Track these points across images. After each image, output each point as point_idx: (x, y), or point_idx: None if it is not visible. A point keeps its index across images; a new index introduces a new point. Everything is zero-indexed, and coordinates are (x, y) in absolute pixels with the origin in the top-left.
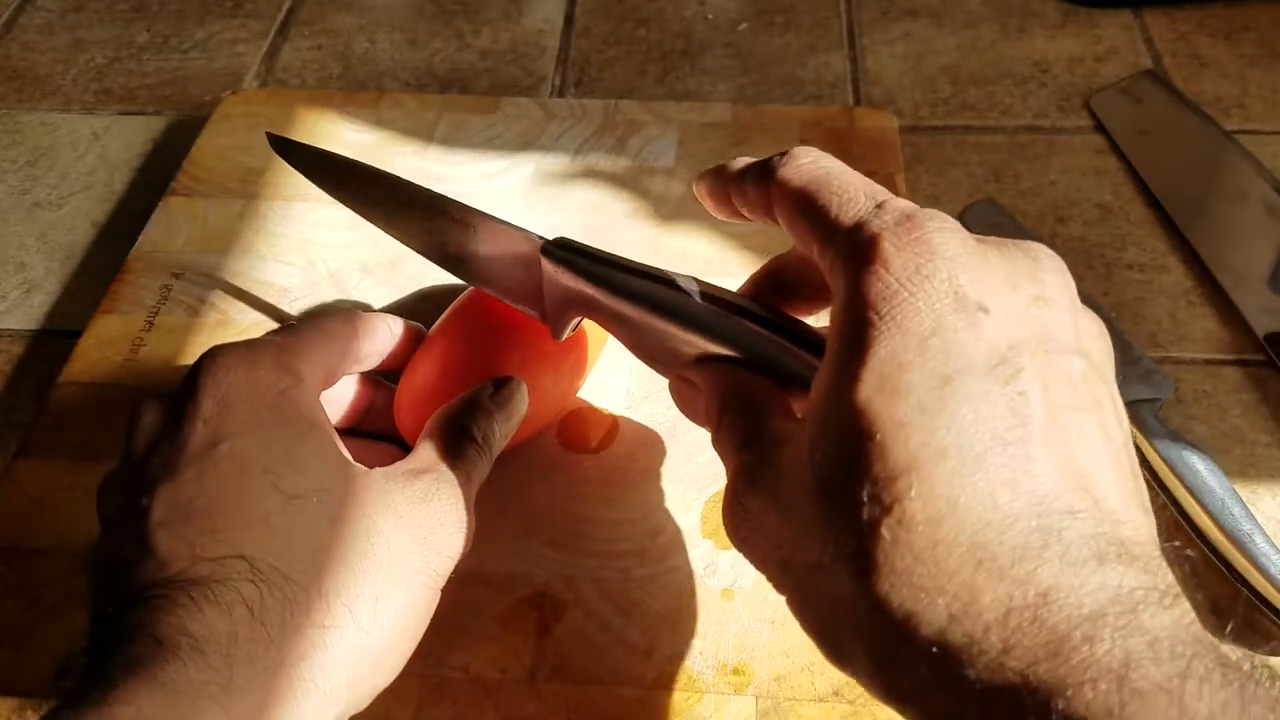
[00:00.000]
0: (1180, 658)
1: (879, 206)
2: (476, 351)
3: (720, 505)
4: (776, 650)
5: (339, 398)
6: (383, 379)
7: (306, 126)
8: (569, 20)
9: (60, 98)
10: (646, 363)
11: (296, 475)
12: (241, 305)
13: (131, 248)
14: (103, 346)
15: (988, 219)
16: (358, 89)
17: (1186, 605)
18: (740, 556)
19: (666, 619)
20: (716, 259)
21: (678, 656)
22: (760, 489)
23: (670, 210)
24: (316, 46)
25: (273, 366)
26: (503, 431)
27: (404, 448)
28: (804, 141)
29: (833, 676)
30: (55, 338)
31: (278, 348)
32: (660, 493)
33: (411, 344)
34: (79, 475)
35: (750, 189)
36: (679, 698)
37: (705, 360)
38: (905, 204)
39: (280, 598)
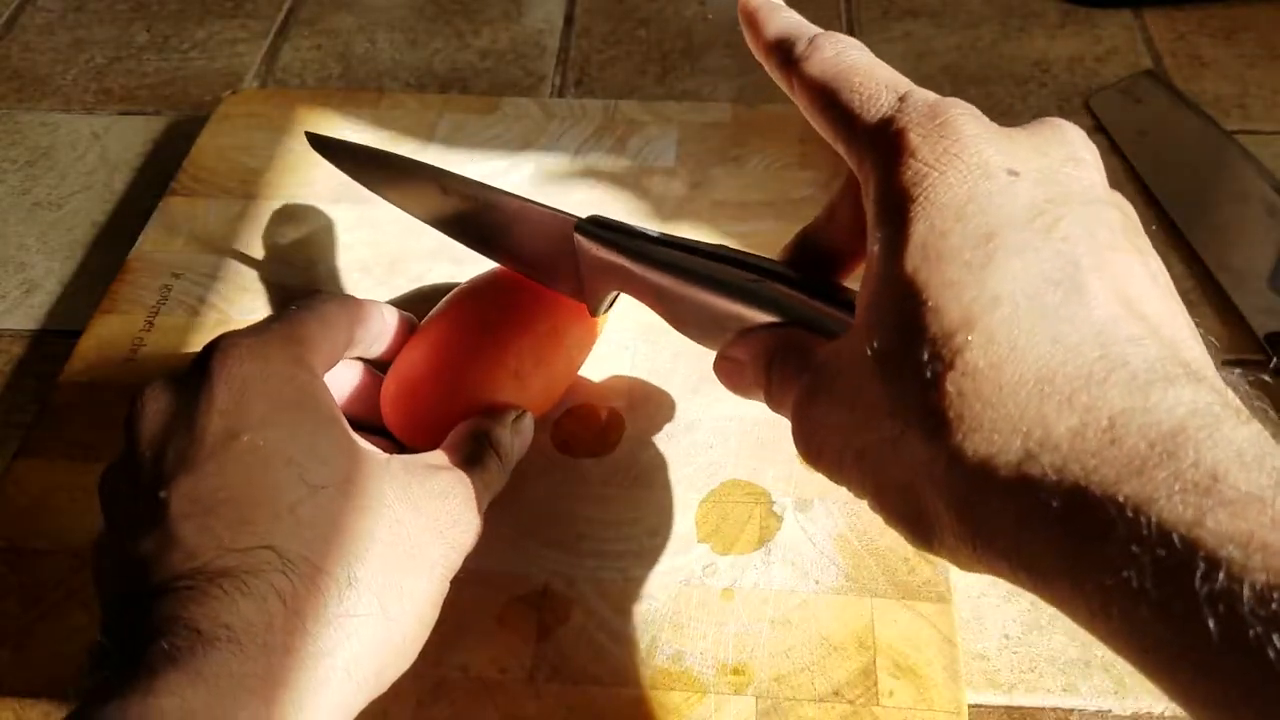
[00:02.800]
0: (1268, 468)
1: (902, 99)
2: (466, 348)
3: (717, 506)
4: (776, 650)
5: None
6: (366, 364)
7: (306, 127)
8: (569, 20)
9: (60, 98)
10: (684, 333)
11: (320, 466)
12: (241, 305)
13: (131, 248)
14: (103, 346)
15: None
16: (358, 89)
17: (1259, 424)
18: (739, 558)
19: (666, 619)
20: None
21: (678, 656)
22: (822, 395)
23: (670, 210)
24: (316, 46)
25: (285, 359)
26: (517, 452)
27: (389, 437)
28: (805, 140)
29: (833, 676)
30: (55, 338)
31: (286, 338)
32: (659, 493)
33: (405, 335)
34: (79, 475)
35: (775, 67)
36: (679, 698)
37: (744, 333)
38: (928, 94)
39: (311, 587)
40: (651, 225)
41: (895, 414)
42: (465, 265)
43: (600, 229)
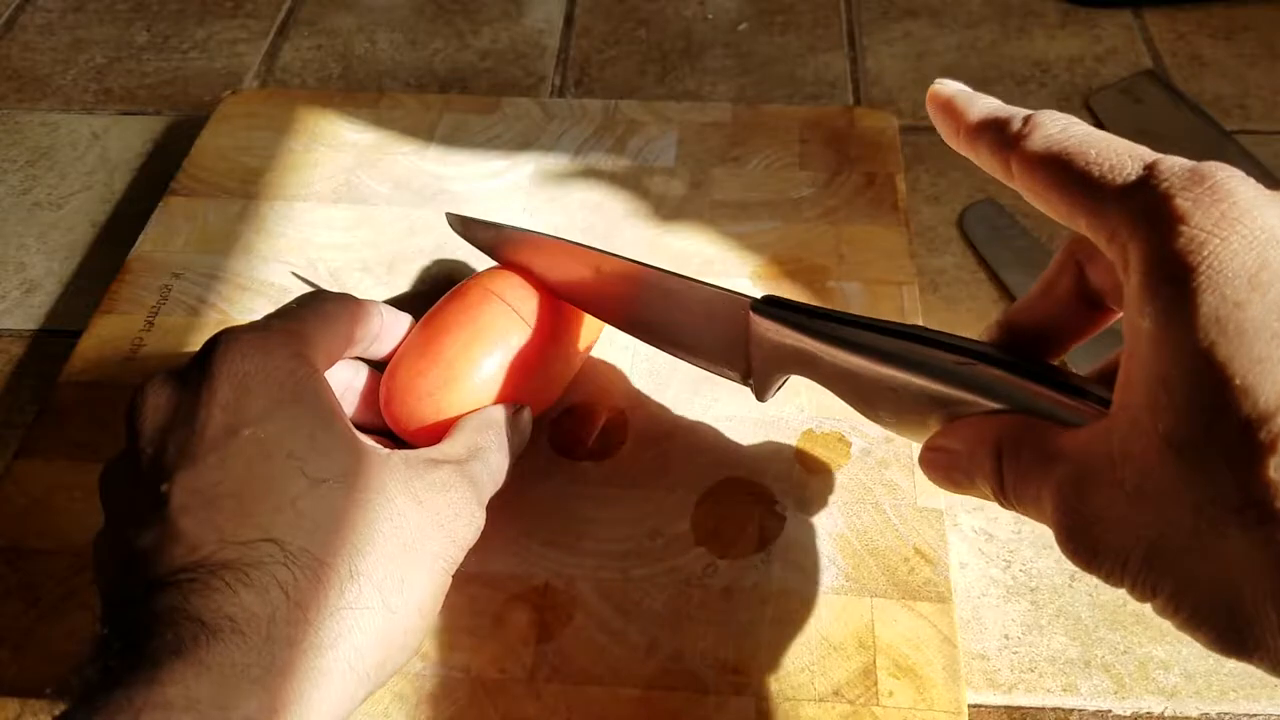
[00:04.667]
0: None
1: (1150, 166)
2: (464, 344)
3: (717, 506)
4: (776, 650)
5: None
6: (364, 363)
7: (307, 127)
8: (569, 20)
9: (60, 98)
10: (873, 418)
11: (321, 460)
12: (241, 305)
13: (131, 248)
14: (103, 346)
15: (988, 219)
16: (358, 89)
17: None
18: (739, 559)
19: (666, 619)
20: (716, 259)
21: (678, 656)
22: (1094, 487)
23: (670, 210)
24: (316, 46)
25: (287, 354)
26: (516, 446)
27: (392, 437)
28: (804, 141)
29: (833, 676)
30: (55, 338)
31: (288, 334)
32: (660, 493)
33: (405, 334)
34: (79, 475)
35: (986, 150)
36: (679, 698)
37: (957, 420)
38: (1180, 159)
39: (313, 580)
40: (651, 225)
41: (1200, 505)
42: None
43: (780, 309)
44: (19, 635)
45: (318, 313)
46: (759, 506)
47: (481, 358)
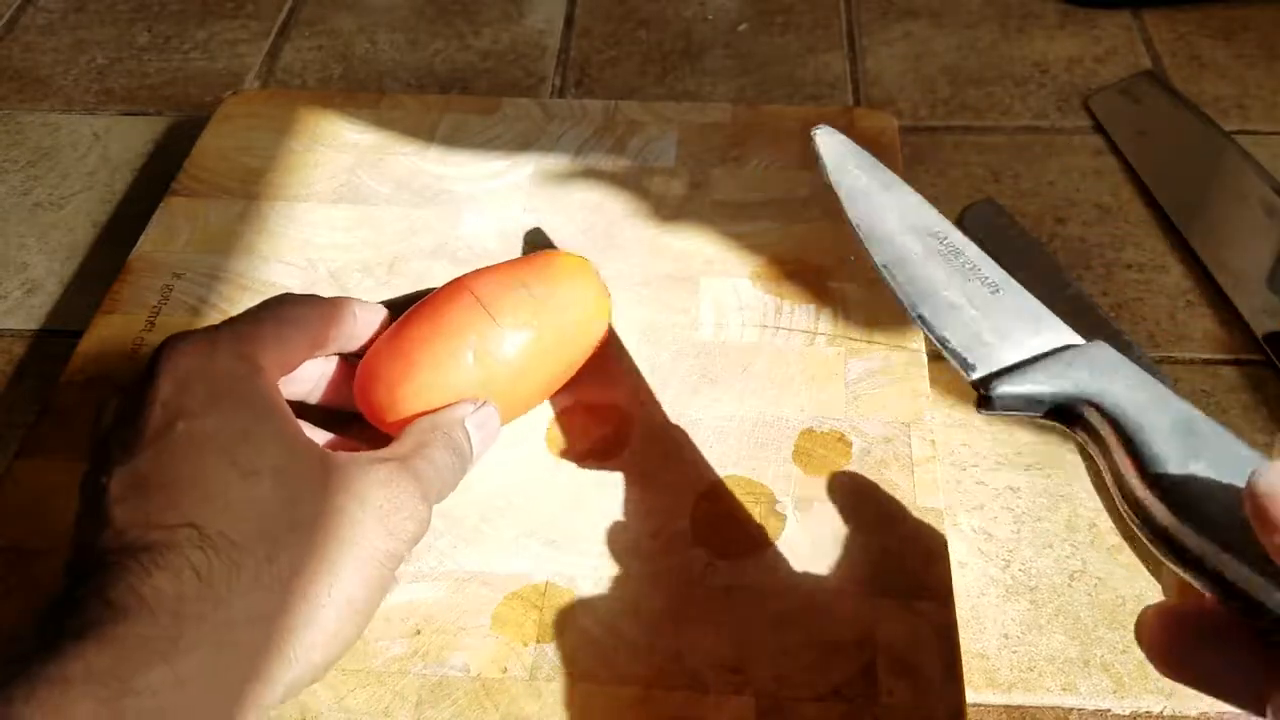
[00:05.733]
0: None
1: None
2: (425, 336)
3: (718, 505)
4: (776, 650)
5: (301, 374)
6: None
7: (307, 127)
8: (569, 20)
9: (61, 98)
10: None
11: (253, 453)
12: (242, 305)
13: (133, 248)
14: (104, 346)
15: (987, 220)
16: (358, 89)
17: None
18: (739, 558)
19: (666, 619)
20: (716, 259)
21: (678, 656)
22: None
23: (670, 210)
24: (317, 47)
25: (230, 355)
26: (478, 443)
27: (361, 421)
28: (804, 141)
29: (833, 676)
30: (56, 338)
31: (235, 336)
32: (660, 493)
33: (384, 329)
34: (79, 475)
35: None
36: (679, 698)
37: None
38: None
39: (228, 562)
40: (651, 225)
41: None
42: (465, 265)
43: None
44: None
45: (275, 316)
46: (759, 505)
47: (446, 353)
